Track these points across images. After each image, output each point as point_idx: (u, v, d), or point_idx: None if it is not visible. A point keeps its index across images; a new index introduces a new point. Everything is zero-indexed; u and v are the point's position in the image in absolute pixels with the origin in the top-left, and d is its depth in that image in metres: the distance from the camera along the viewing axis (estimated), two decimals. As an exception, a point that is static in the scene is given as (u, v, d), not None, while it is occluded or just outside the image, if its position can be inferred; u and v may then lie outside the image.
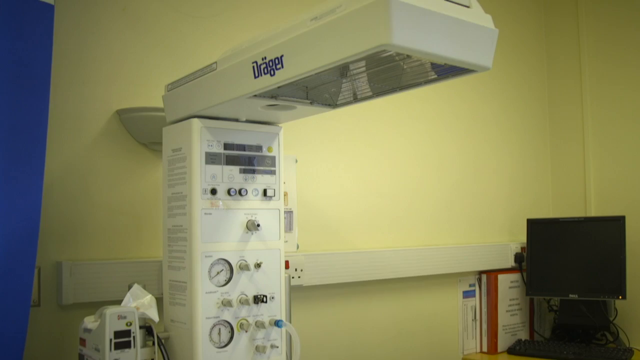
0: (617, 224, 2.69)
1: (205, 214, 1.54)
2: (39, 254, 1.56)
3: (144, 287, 1.58)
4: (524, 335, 2.90)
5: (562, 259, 2.80)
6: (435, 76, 1.32)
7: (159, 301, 1.61)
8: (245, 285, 1.59)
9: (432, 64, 1.26)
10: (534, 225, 2.89)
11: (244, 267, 1.58)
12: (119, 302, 1.52)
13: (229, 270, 1.57)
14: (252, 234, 1.60)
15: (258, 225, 1.59)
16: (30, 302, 1.52)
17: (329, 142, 2.38)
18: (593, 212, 3.03)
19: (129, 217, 1.88)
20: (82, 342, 1.51)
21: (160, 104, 1.69)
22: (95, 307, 1.51)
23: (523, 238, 2.94)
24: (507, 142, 3.05)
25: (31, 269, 1.51)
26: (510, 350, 2.75)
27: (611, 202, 2.98)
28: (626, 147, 2.95)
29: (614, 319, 2.77)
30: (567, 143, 3.17)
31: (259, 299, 1.60)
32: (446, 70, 1.27)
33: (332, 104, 1.55)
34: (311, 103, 1.52)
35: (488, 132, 2.96)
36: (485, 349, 2.81)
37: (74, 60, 1.81)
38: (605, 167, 3.02)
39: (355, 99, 1.51)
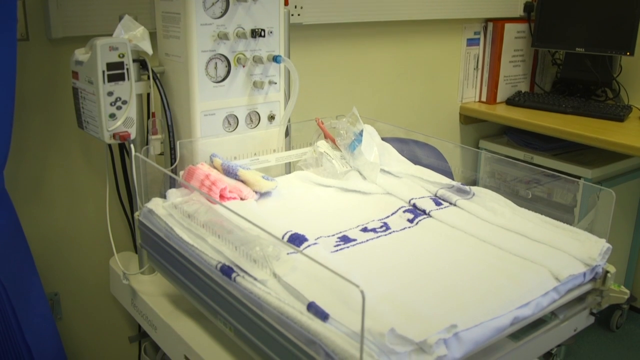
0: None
1: (197, -63, 1.40)
2: (20, -20, 1.46)
3: (136, 20, 1.50)
4: (524, 87, 2.89)
5: (573, 11, 2.68)
6: None
7: (152, 36, 1.53)
8: (242, 17, 1.51)
9: None
10: (548, -27, 2.72)
11: (241, -2, 1.49)
12: (110, 36, 1.44)
13: (225, 0, 1.48)
14: (249, -39, 1.48)
15: (255, -49, 1.47)
16: (17, 29, 1.44)
17: None
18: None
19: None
20: (75, 75, 1.46)
21: None
22: (86, 41, 1.44)
23: (535, -14, 2.79)
24: None
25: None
26: (509, 101, 2.76)
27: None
28: None
29: (617, 76, 2.73)
30: None
31: (256, 33, 1.52)
32: None
33: None
34: None
35: None
36: (484, 98, 2.81)
37: None
38: None
39: None
